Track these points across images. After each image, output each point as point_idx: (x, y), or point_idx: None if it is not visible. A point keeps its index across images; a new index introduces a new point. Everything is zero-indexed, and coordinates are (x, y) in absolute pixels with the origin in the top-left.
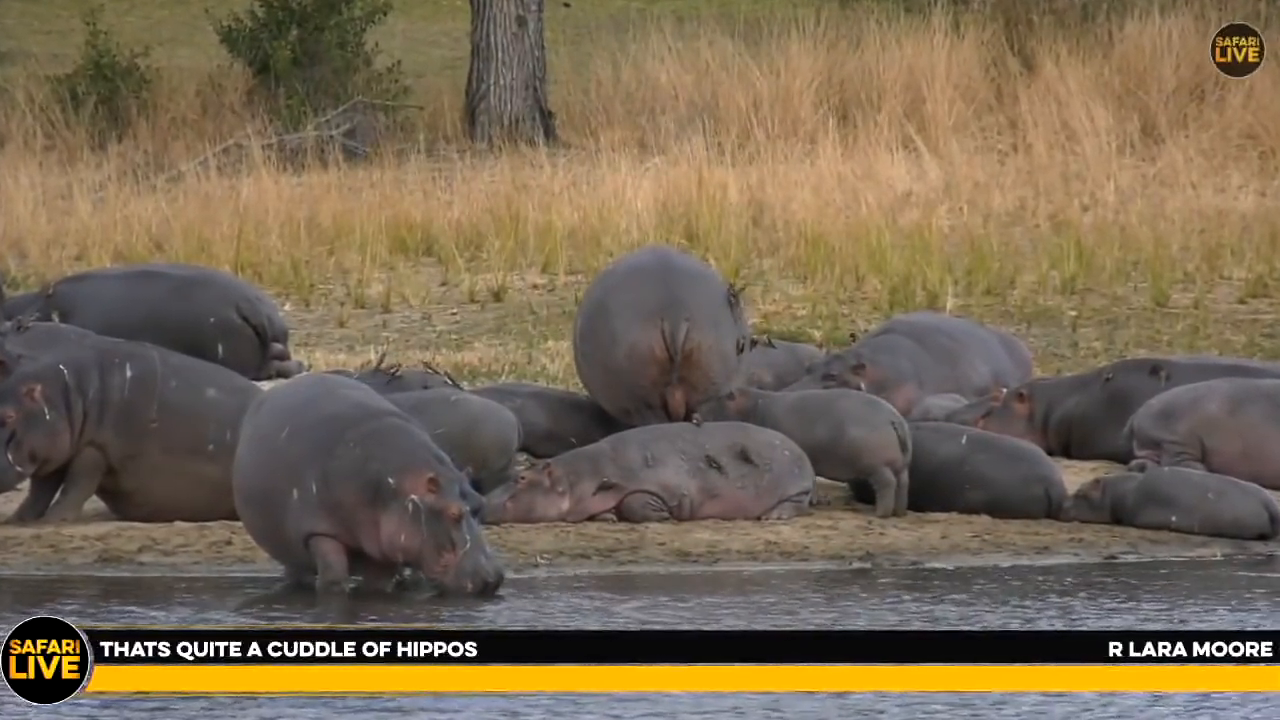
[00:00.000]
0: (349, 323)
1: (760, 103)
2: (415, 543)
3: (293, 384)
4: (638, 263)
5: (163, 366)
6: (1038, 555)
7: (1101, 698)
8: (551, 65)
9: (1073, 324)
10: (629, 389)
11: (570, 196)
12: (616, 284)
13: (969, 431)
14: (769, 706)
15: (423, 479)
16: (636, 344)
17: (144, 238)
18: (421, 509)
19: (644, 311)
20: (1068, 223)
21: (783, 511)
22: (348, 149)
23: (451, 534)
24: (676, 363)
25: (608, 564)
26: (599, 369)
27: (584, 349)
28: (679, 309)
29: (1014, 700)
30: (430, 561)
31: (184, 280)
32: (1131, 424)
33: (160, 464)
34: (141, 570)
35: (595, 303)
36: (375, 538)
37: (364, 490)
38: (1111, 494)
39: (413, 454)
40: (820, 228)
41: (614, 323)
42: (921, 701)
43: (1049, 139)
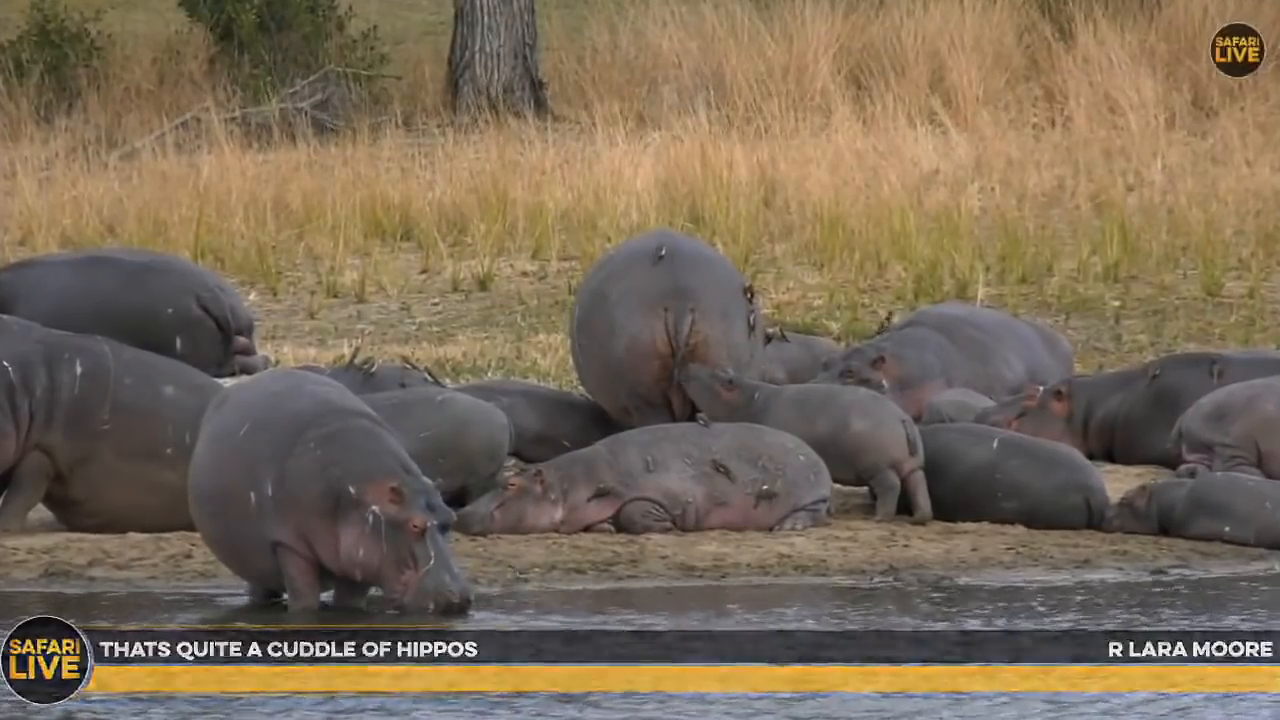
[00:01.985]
0: (320, 314)
1: (771, 72)
2: (374, 558)
3: (257, 380)
4: (640, 247)
5: (116, 362)
6: (1077, 570)
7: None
8: (543, 30)
9: (1116, 315)
10: (629, 386)
11: (563, 175)
12: (616, 270)
13: (1001, 434)
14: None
15: (385, 488)
16: (637, 336)
17: (95, 220)
18: (382, 521)
19: (645, 300)
20: (1110, 204)
21: (797, 521)
22: (318, 123)
23: (413, 549)
24: (680, 356)
25: (605, 579)
26: (597, 363)
27: (581, 341)
28: (684, 297)
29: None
30: (390, 579)
31: (139, 267)
32: (1180, 425)
33: (113, 469)
34: (92, 586)
35: (593, 291)
36: (333, 550)
37: (322, 498)
38: (1159, 502)
39: (376, 460)
40: (838, 209)
41: (613, 312)
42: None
43: (1089, 112)
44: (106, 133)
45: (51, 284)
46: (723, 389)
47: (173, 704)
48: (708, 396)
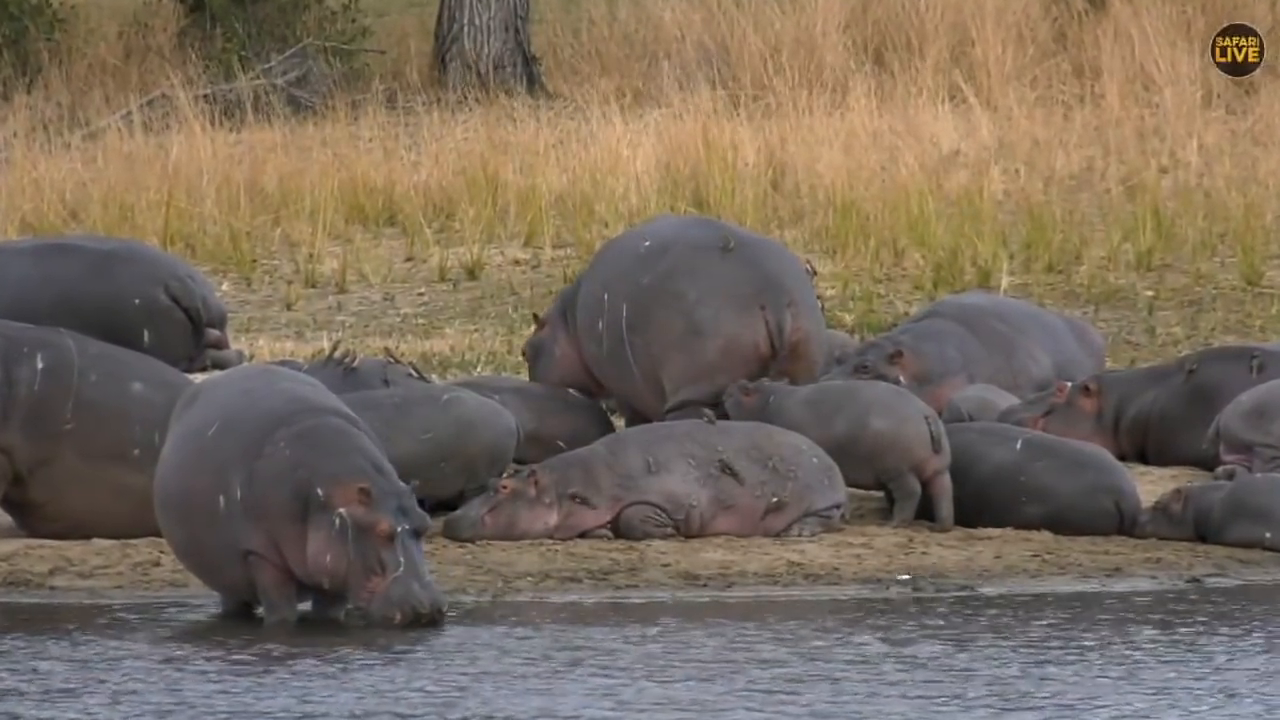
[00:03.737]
0: (297, 305)
1: (780, 46)
2: (340, 564)
3: (229, 375)
4: (694, 238)
5: (80, 357)
6: (1107, 579)
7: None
8: (535, 1)
9: (1149, 306)
10: (715, 388)
11: (557, 156)
12: (681, 265)
13: (1025, 434)
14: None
15: (352, 490)
16: (737, 336)
17: (56, 205)
18: (349, 524)
19: (738, 298)
20: (1143, 187)
21: (806, 527)
22: (295, 101)
23: (381, 555)
24: (781, 357)
25: (602, 588)
26: (668, 365)
27: (633, 341)
28: (779, 292)
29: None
30: (355, 586)
31: (103, 255)
32: (1218, 424)
33: (76, 471)
34: (53, 596)
35: (656, 289)
36: (300, 556)
37: (291, 501)
38: (1195, 506)
39: (346, 460)
40: (851, 193)
41: (696, 312)
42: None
43: (1121, 89)
44: (69, 111)
45: (10, 273)
46: (743, 395)
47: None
48: (730, 403)
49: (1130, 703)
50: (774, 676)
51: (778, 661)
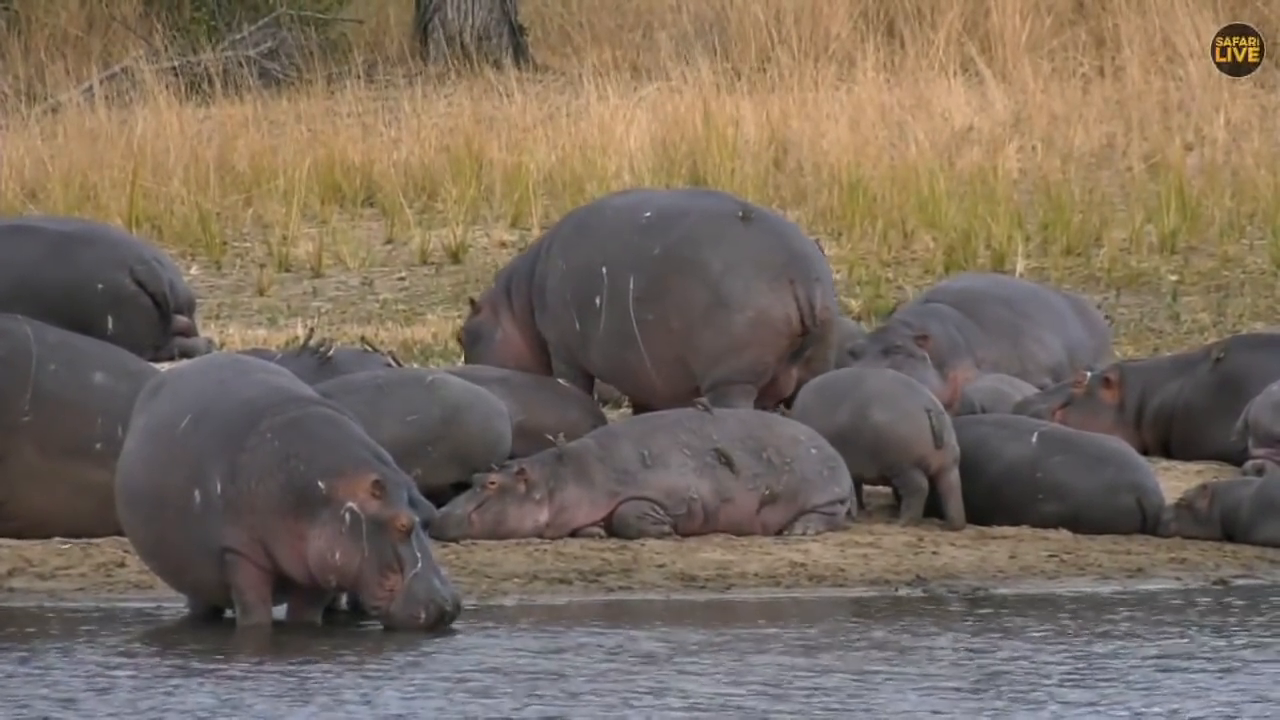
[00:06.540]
0: (270, 290)
1: (783, 15)
2: (353, 562)
3: (197, 365)
4: (708, 206)
5: (38, 345)
6: (1129, 580)
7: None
8: None
9: (1173, 291)
10: (746, 364)
11: (546, 133)
12: (700, 234)
13: (1042, 427)
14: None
15: (364, 482)
16: (767, 310)
17: (14, 184)
18: (361, 519)
19: (767, 270)
20: (1167, 165)
21: (809, 525)
22: (267, 74)
23: (399, 551)
24: (813, 334)
25: (594, 590)
26: (696, 337)
27: (646, 317)
28: (808, 266)
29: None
30: (372, 585)
31: (64, 237)
32: (1247, 416)
33: (35, 467)
34: (11, 599)
35: (671, 258)
36: (298, 555)
37: (283, 494)
38: (1222, 504)
39: (348, 451)
40: (859, 172)
41: (724, 283)
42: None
43: (1144, 60)
44: (28, 85)
45: None
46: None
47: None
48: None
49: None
50: (776, 679)
51: (781, 664)
